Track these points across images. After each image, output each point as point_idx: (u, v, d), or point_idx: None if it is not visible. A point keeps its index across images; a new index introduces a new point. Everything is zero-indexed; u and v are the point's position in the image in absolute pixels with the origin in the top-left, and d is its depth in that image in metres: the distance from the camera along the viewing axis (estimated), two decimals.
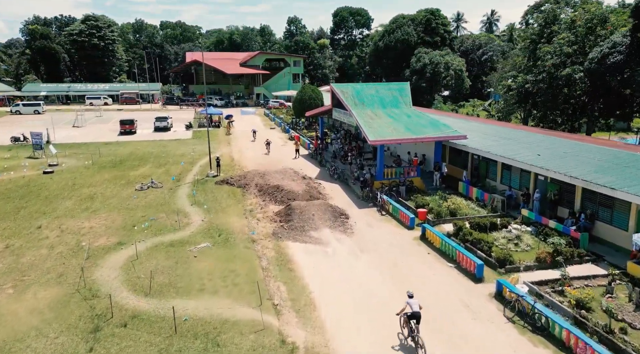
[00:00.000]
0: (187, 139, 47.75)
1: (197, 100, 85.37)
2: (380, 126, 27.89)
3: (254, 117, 62.74)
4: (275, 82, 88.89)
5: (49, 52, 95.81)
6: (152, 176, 32.04)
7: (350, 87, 32.79)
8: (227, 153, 40.74)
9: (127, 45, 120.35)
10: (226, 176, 31.81)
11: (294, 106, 54.48)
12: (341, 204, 25.61)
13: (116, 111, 74.52)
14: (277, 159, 37.74)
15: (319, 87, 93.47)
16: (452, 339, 12.89)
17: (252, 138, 48.58)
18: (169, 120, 53.28)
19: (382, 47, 67.90)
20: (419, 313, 12.00)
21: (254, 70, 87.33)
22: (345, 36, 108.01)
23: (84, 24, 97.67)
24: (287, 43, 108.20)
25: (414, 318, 11.95)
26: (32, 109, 67.38)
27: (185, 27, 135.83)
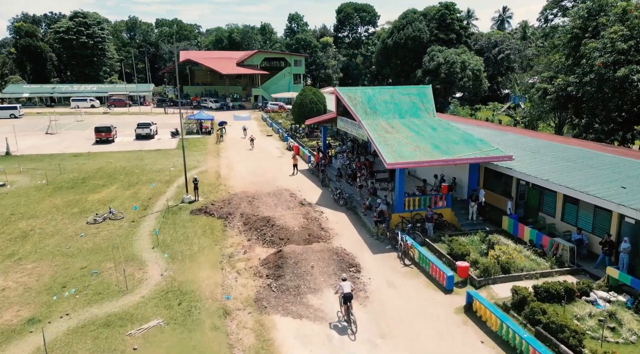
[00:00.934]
0: (170, 150, 41.69)
1: (191, 102, 79.39)
2: (399, 143, 21.74)
3: (250, 123, 56.60)
4: (274, 83, 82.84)
5: (34, 51, 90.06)
6: (115, 200, 26.00)
7: (359, 92, 26.65)
8: (214, 168, 34.66)
9: (120, 44, 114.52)
10: (206, 202, 25.72)
11: (293, 110, 48.41)
12: (350, 246, 19.50)
13: (102, 114, 68.63)
14: (272, 177, 31.65)
15: (321, 89, 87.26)
16: None
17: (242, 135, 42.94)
18: (153, 127, 47.29)
19: (390, 45, 61.78)
20: (351, 294, 13.74)
21: (252, 70, 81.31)
22: (349, 34, 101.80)
23: (71, 21, 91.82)
24: (287, 41, 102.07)
25: (347, 298, 13.69)
26: (8, 113, 61.58)
27: (181, 25, 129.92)
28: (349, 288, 13.65)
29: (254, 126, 56.85)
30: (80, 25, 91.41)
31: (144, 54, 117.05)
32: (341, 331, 13.63)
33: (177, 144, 44.62)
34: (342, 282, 14.03)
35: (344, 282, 14.00)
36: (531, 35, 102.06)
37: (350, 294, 13.60)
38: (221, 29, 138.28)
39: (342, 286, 13.77)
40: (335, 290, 14.50)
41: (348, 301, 13.62)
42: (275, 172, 33.11)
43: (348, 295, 13.55)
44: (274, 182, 30.41)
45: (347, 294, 13.54)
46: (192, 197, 25.94)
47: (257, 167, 34.73)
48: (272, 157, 38.75)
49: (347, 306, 13.75)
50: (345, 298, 13.64)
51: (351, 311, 13.70)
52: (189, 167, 34.13)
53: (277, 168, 34.63)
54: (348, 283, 13.91)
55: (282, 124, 55.10)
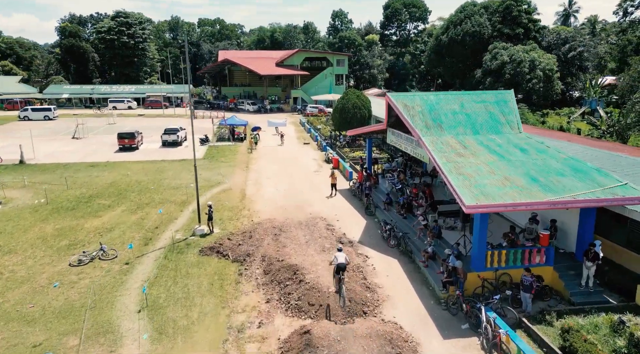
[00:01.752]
0: (198, 159, 37.27)
1: (227, 104, 75.78)
2: (479, 173, 15.63)
3: (286, 129, 51.61)
4: (315, 84, 77.71)
5: (77, 52, 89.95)
6: (115, 229, 21.52)
7: (418, 99, 20.67)
8: (239, 185, 29.74)
9: (162, 44, 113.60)
10: (222, 234, 20.69)
11: (334, 116, 42.88)
12: (408, 321, 13.72)
13: (137, 116, 66.11)
14: (305, 199, 26.28)
15: (365, 91, 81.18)
16: None
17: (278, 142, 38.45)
18: (181, 132, 43.26)
19: (445, 42, 54.88)
20: (344, 265, 14.03)
21: (292, 70, 76.59)
22: (397, 31, 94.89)
23: (113, 21, 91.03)
24: (330, 40, 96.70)
25: (340, 269, 13.94)
26: (42, 115, 60.11)
27: (223, 25, 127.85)
28: (343, 259, 13.81)
29: (291, 132, 51.82)
30: (121, 25, 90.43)
31: (186, 54, 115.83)
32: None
33: (205, 152, 40.25)
34: (337, 252, 14.16)
35: (338, 252, 14.14)
36: (601, 31, 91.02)
37: (344, 265, 13.85)
38: (263, 28, 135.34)
39: (336, 257, 13.89)
40: (329, 261, 14.74)
41: (341, 271, 13.76)
42: (309, 193, 27.71)
43: (342, 265, 13.74)
44: (308, 206, 25.02)
45: (341, 265, 13.73)
46: (205, 230, 20.93)
47: (290, 185, 29.47)
48: (307, 172, 33.39)
49: (339, 276, 13.84)
50: (338, 269, 13.77)
51: (342, 283, 13.79)
52: (211, 183, 29.49)
53: (312, 186, 29.22)
54: (343, 255, 14.12)
55: (321, 130, 49.71)
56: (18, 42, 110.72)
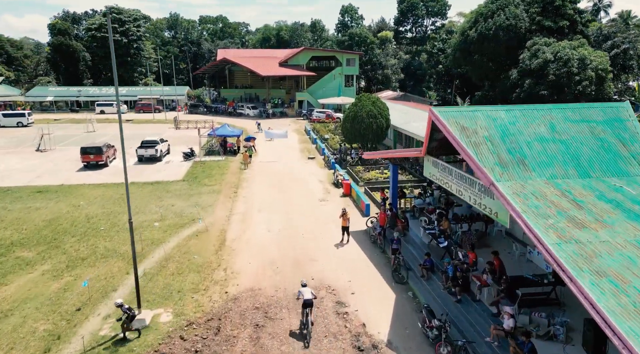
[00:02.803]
0: (174, 182, 30.06)
1: (226, 108, 68.68)
2: (629, 267, 8.06)
3: (287, 141, 44.09)
4: (322, 86, 70.28)
5: (66, 50, 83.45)
6: (18, 309, 14.28)
7: (481, 117, 13.16)
8: (220, 223, 22.41)
9: (159, 43, 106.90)
10: (174, 324, 13.33)
11: (344, 126, 35.41)
12: None
13: (124, 122, 59.07)
14: (306, 250, 18.88)
15: (377, 93, 73.59)
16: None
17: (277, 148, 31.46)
18: (161, 146, 36.02)
19: (473, 37, 47.08)
20: (311, 301, 12.99)
21: (297, 71, 69.23)
22: (413, 28, 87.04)
23: (105, 17, 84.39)
24: (339, 38, 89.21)
25: (307, 305, 12.99)
26: (15, 121, 53.44)
27: (226, 22, 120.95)
28: (309, 295, 13.11)
29: (294, 142, 44.42)
30: (113, 22, 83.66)
31: (185, 54, 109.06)
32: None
33: (187, 171, 33.00)
34: (302, 287, 13.43)
35: (303, 287, 13.41)
36: (635, 27, 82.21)
37: (311, 301, 13.08)
38: (269, 26, 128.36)
39: (302, 292, 13.24)
40: (296, 297, 13.70)
41: (308, 307, 13.08)
42: (313, 237, 20.30)
43: (308, 302, 13.04)
44: (310, 262, 17.66)
45: (307, 301, 13.05)
46: (146, 320, 13.51)
47: (287, 223, 22.11)
48: (311, 200, 25.96)
49: (305, 312, 13.13)
50: (305, 305, 13.10)
51: (308, 320, 12.92)
52: (183, 220, 22.33)
53: (317, 225, 21.83)
54: (309, 289, 13.32)
55: (329, 141, 42.26)
56: (9, 41, 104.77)
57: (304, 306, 13.13)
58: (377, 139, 34.53)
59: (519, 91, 41.74)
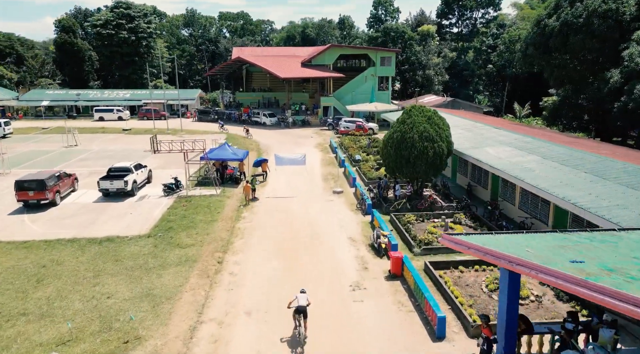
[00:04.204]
0: (135, 238, 20.33)
1: (239, 115, 59.25)
2: None
3: (307, 160, 33.77)
4: (351, 89, 59.91)
5: (70, 49, 76.14)
6: None
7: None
8: (180, 335, 12.46)
9: (174, 41, 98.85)
10: None
11: (385, 152, 24.78)
12: None
13: (118, 133, 50.48)
14: None
15: (418, 99, 62.47)
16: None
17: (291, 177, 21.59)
18: (133, 175, 26.43)
19: (553, 27, 35.80)
20: (304, 307, 12.61)
21: (322, 71, 59.06)
22: (459, 21, 75.31)
23: (112, 12, 76.60)
24: (371, 34, 78.48)
25: (299, 312, 12.62)
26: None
27: (247, 19, 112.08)
28: (304, 301, 12.78)
29: (315, 164, 34.28)
30: (121, 18, 75.84)
31: (203, 53, 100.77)
32: None
33: (162, 215, 23.31)
34: (299, 293, 13.04)
35: (301, 294, 13.03)
36: None
37: (304, 307, 12.69)
38: (294, 24, 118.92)
39: (297, 298, 12.85)
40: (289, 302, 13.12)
41: (302, 314, 12.71)
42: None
43: (301, 309, 12.66)
44: None
45: (300, 308, 12.66)
46: None
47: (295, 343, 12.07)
48: (337, 293, 15.67)
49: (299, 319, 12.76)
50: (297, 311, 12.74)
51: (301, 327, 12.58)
52: (109, 341, 12.33)
53: (351, 341, 11.69)
54: (305, 296, 12.97)
55: (362, 166, 31.80)
56: (19, 40, 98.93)
57: (296, 312, 12.63)
58: (435, 171, 23.97)
59: (625, 100, 30.22)
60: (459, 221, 21.48)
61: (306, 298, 12.90)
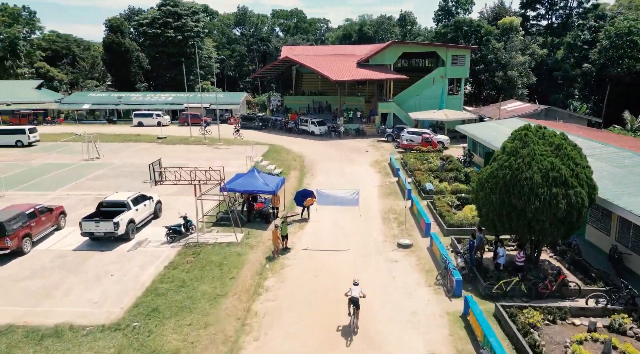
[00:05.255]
0: (98, 331, 13.52)
1: (285, 122, 52.40)
2: None
3: (362, 186, 25.74)
4: (415, 93, 51.07)
5: (117, 50, 73.33)
6: None
7: None
8: None
9: (225, 41, 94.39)
10: None
11: (484, 198, 16.17)
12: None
13: (152, 142, 45.24)
14: None
15: (502, 105, 52.04)
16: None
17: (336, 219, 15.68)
18: (129, 213, 19.81)
19: None
20: (357, 299, 13.20)
21: (381, 73, 50.66)
22: (548, 13, 63.47)
23: (159, 10, 72.82)
24: (439, 29, 68.71)
25: (353, 302, 13.29)
26: (13, 139, 41.70)
27: (301, 17, 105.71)
28: (357, 293, 13.38)
29: (372, 191, 26.19)
30: (168, 16, 71.83)
31: (254, 53, 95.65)
32: None
33: (154, 279, 16.40)
34: (353, 285, 13.62)
35: (354, 286, 13.60)
36: None
37: (357, 299, 13.33)
38: (351, 21, 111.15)
39: (351, 289, 13.51)
40: (345, 292, 13.86)
41: (354, 305, 13.38)
42: None
43: (354, 300, 13.32)
44: None
45: (354, 299, 13.33)
46: None
47: None
48: None
49: (352, 309, 13.52)
50: (351, 302, 13.42)
51: (354, 317, 13.41)
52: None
53: None
54: (358, 288, 13.51)
55: (437, 202, 23.23)
56: (76, 41, 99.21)
57: (350, 302, 13.33)
58: (567, 230, 15.16)
59: None
60: (622, 328, 12.62)
61: (359, 290, 13.35)
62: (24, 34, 75.07)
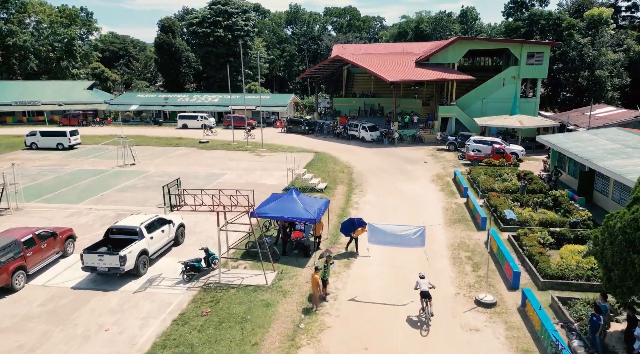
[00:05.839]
0: None
1: (334, 126, 48.22)
2: None
3: (422, 217, 20.93)
4: (481, 95, 45.00)
5: (167, 50, 72.64)
6: None
7: None
8: None
9: (275, 41, 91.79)
10: None
11: (613, 255, 11.05)
12: None
13: (193, 147, 42.71)
14: None
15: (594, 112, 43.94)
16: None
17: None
18: (140, 244, 16.37)
19: None
20: (427, 292, 13.56)
21: (445, 72, 45.01)
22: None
23: (210, 9, 71.14)
24: (508, 23, 61.55)
25: (424, 295, 13.57)
26: (54, 141, 40.57)
27: (355, 14, 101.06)
28: (425, 287, 13.68)
29: (435, 217, 21.16)
30: (218, 15, 69.98)
31: (304, 53, 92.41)
32: None
33: (158, 337, 12.72)
34: (420, 279, 13.91)
35: (421, 279, 13.90)
36: None
37: (428, 292, 13.59)
38: (407, 18, 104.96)
39: (419, 283, 13.79)
40: (415, 286, 14.12)
41: (426, 298, 13.59)
42: None
43: (425, 293, 13.57)
44: None
45: (424, 292, 13.59)
46: None
47: None
48: None
49: (424, 303, 13.70)
50: (422, 295, 13.62)
51: (425, 310, 13.63)
52: None
53: None
54: (426, 281, 13.84)
55: (521, 237, 17.88)
56: (132, 42, 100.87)
57: (422, 295, 13.58)
58: None
59: None
60: None
61: (427, 282, 13.77)
62: (80, 35, 76.34)
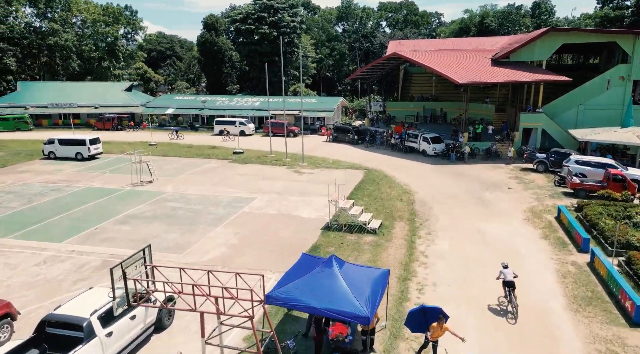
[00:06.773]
0: None
1: (388, 135, 41.05)
2: None
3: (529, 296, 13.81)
4: (577, 100, 35.91)
5: (210, 49, 68.37)
6: None
7: None
8: None
9: (324, 38, 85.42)
10: None
11: None
12: None
13: (227, 158, 37.28)
14: None
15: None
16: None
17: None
18: (89, 346, 10.35)
19: None
20: (512, 282, 13.64)
21: (531, 72, 36.20)
22: None
23: (255, 5, 65.98)
24: (603, 13, 51.26)
25: (508, 285, 13.68)
26: (73, 151, 36.38)
27: (412, 8, 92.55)
28: (510, 276, 13.71)
29: (543, 291, 13.55)
30: (262, 11, 64.62)
31: (355, 52, 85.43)
32: None
33: None
34: (504, 269, 13.98)
35: (505, 269, 13.95)
36: None
37: (513, 282, 13.63)
38: (471, 12, 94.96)
39: (503, 273, 13.85)
40: (497, 276, 14.19)
41: (510, 287, 13.61)
42: None
43: (510, 283, 13.63)
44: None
45: (509, 282, 13.65)
46: None
47: None
48: None
49: (507, 291, 13.70)
50: (506, 284, 13.68)
51: (510, 299, 13.62)
52: None
53: None
54: (510, 271, 13.89)
55: None
56: (179, 42, 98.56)
57: (506, 284, 13.72)
58: None
59: None
60: None
61: (512, 272, 13.82)
62: (125, 34, 74.06)
